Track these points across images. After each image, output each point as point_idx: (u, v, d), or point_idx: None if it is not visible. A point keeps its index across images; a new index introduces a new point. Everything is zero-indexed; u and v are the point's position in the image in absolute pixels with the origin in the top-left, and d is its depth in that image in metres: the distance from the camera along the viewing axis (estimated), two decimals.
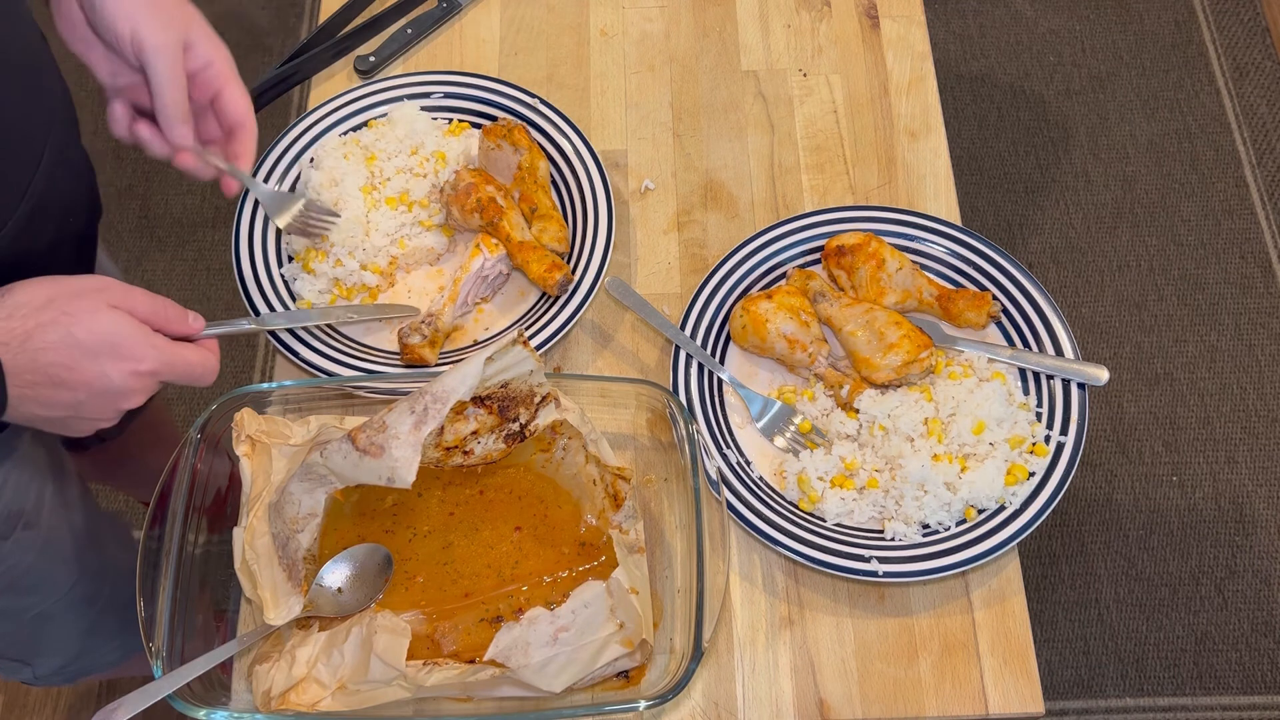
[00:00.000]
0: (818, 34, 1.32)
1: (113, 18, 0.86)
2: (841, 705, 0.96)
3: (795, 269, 1.13)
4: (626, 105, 1.27)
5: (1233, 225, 2.29)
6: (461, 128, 1.21)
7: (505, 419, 0.96)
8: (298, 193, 1.12)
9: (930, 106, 1.27)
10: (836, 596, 1.01)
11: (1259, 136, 2.39)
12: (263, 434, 0.97)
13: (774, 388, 1.10)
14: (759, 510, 0.99)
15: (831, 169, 1.23)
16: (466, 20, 1.33)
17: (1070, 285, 2.22)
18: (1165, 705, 1.87)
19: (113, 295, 0.82)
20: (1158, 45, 2.50)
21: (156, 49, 0.86)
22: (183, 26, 0.89)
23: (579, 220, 1.15)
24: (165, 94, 0.88)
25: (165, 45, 0.87)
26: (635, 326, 1.14)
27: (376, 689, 0.87)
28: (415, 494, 0.98)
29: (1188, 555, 1.98)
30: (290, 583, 0.93)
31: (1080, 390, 1.05)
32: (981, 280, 1.12)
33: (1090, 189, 2.33)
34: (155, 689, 0.83)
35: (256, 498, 0.95)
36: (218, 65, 0.92)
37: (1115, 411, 2.11)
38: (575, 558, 0.97)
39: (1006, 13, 2.54)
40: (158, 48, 0.86)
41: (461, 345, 1.11)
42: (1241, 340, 2.17)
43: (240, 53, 0.94)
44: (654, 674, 0.92)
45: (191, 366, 0.86)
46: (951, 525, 1.00)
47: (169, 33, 0.87)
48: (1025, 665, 0.98)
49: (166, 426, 1.61)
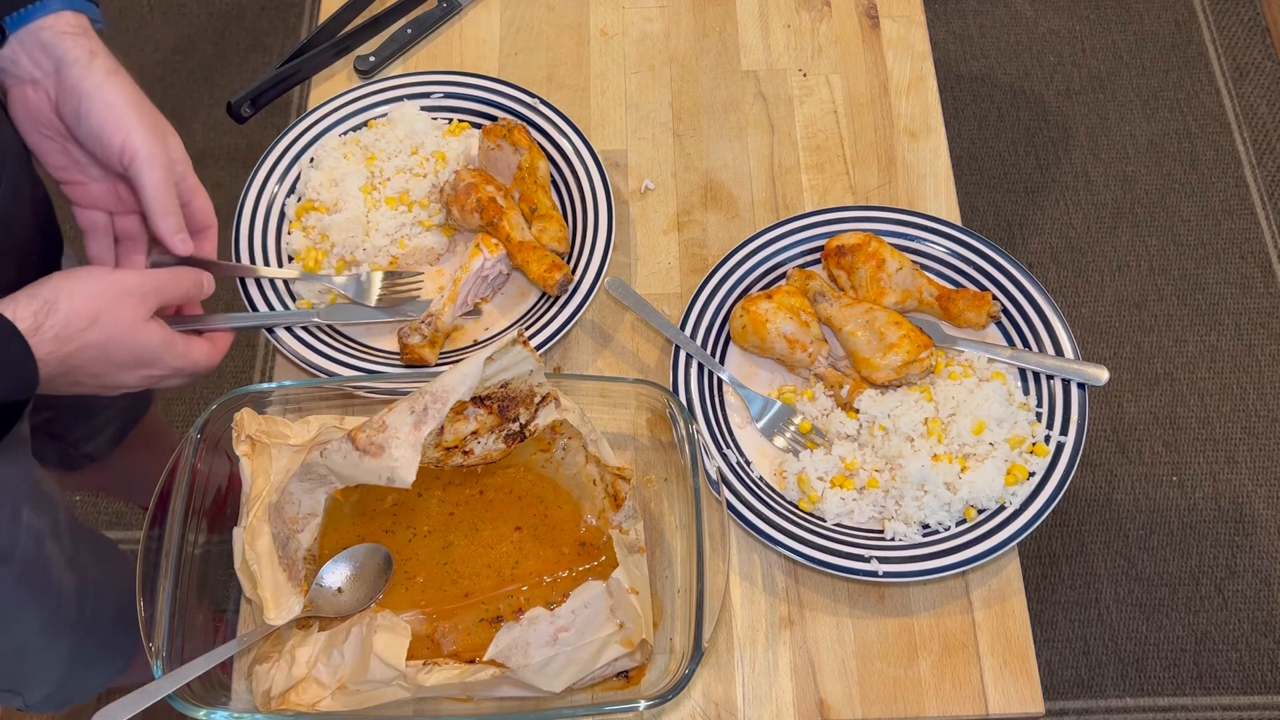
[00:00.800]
0: (818, 34, 1.32)
1: (101, 128, 0.89)
2: (841, 705, 0.96)
3: (795, 269, 1.13)
4: (626, 105, 1.27)
5: (1233, 225, 2.29)
6: (461, 128, 1.21)
7: (505, 419, 0.96)
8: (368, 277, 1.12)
9: (930, 106, 1.27)
10: (836, 596, 1.01)
11: (1259, 136, 2.39)
12: (263, 434, 0.97)
13: (774, 388, 1.10)
14: (759, 510, 0.99)
15: (831, 169, 1.23)
16: (466, 20, 1.33)
17: (1070, 285, 2.22)
18: (1165, 705, 1.87)
19: (148, 299, 0.87)
20: (1158, 45, 2.50)
21: (151, 160, 0.90)
22: (165, 137, 0.92)
23: (579, 220, 1.15)
24: (160, 203, 0.92)
25: (156, 156, 0.90)
26: (635, 326, 1.14)
27: (376, 689, 0.87)
28: (415, 494, 0.98)
29: (1188, 555, 1.98)
30: (290, 583, 0.93)
31: (1080, 390, 1.05)
32: (981, 280, 1.12)
33: (1090, 189, 2.33)
34: (155, 689, 0.83)
35: (256, 498, 0.95)
36: (190, 179, 0.96)
37: (1115, 411, 2.11)
38: (575, 558, 0.97)
39: (1006, 13, 2.54)
40: (152, 158, 0.90)
41: (461, 345, 1.11)
42: (1241, 340, 2.17)
43: (240, 53, 0.95)
44: (654, 674, 0.92)
45: (198, 365, 0.93)
46: (951, 525, 1.00)
47: (158, 144, 0.91)
48: (1025, 665, 0.98)
49: (163, 435, 1.60)
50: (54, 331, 0.81)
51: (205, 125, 2.36)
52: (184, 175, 0.95)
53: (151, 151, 0.90)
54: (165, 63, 2.44)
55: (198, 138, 2.34)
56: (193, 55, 2.44)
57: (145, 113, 0.91)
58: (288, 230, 1.15)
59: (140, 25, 2.49)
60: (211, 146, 2.33)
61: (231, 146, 2.33)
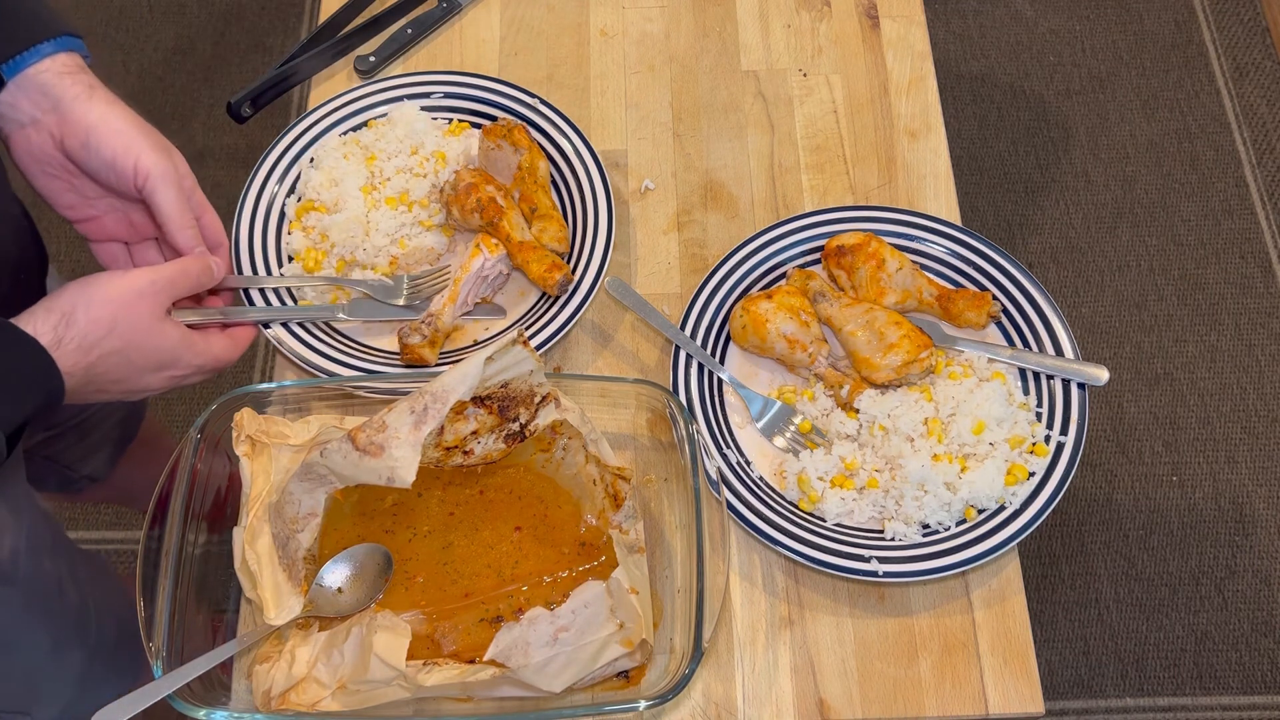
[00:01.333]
0: (818, 34, 1.32)
1: (114, 155, 0.91)
2: (841, 705, 0.96)
3: (795, 269, 1.13)
4: (626, 105, 1.27)
5: (1233, 225, 2.29)
6: (461, 128, 1.21)
7: (505, 419, 0.96)
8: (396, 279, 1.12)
9: (930, 106, 1.27)
10: (836, 596, 1.01)
11: (1259, 136, 2.39)
12: (263, 434, 0.97)
13: (774, 388, 1.10)
14: (759, 510, 0.99)
15: (831, 169, 1.23)
16: (466, 20, 1.33)
17: (1070, 285, 2.22)
18: (1165, 705, 1.87)
19: (161, 296, 0.89)
20: (1158, 45, 2.50)
21: (164, 177, 0.92)
22: (172, 155, 0.94)
23: (579, 220, 1.15)
24: (178, 218, 0.94)
25: (168, 174, 0.93)
26: (635, 326, 1.14)
27: (376, 689, 0.87)
28: (415, 494, 0.98)
29: (1188, 555, 1.98)
30: (290, 583, 0.93)
31: (1080, 390, 1.05)
32: (981, 280, 1.12)
33: (1090, 189, 2.33)
34: (155, 689, 0.83)
35: (256, 498, 0.95)
36: (198, 195, 0.98)
37: (1115, 411, 2.11)
38: (575, 558, 0.97)
39: (1006, 13, 2.54)
40: (164, 176, 0.92)
41: (461, 345, 1.11)
42: (1241, 340, 2.17)
43: (240, 53, 0.96)
44: (654, 674, 0.92)
45: (219, 361, 0.95)
46: (951, 525, 1.00)
47: (168, 162, 0.93)
48: (1025, 665, 0.98)
49: (162, 442, 1.60)
50: (75, 343, 0.83)
51: (205, 125, 2.36)
52: (192, 191, 0.97)
53: (164, 169, 0.92)
54: (165, 63, 2.44)
55: (198, 138, 2.34)
56: (193, 55, 2.44)
57: (150, 134, 0.93)
58: (288, 230, 1.15)
59: (140, 25, 2.49)
60: (211, 146, 2.33)
61: (231, 146, 2.33)
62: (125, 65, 2.42)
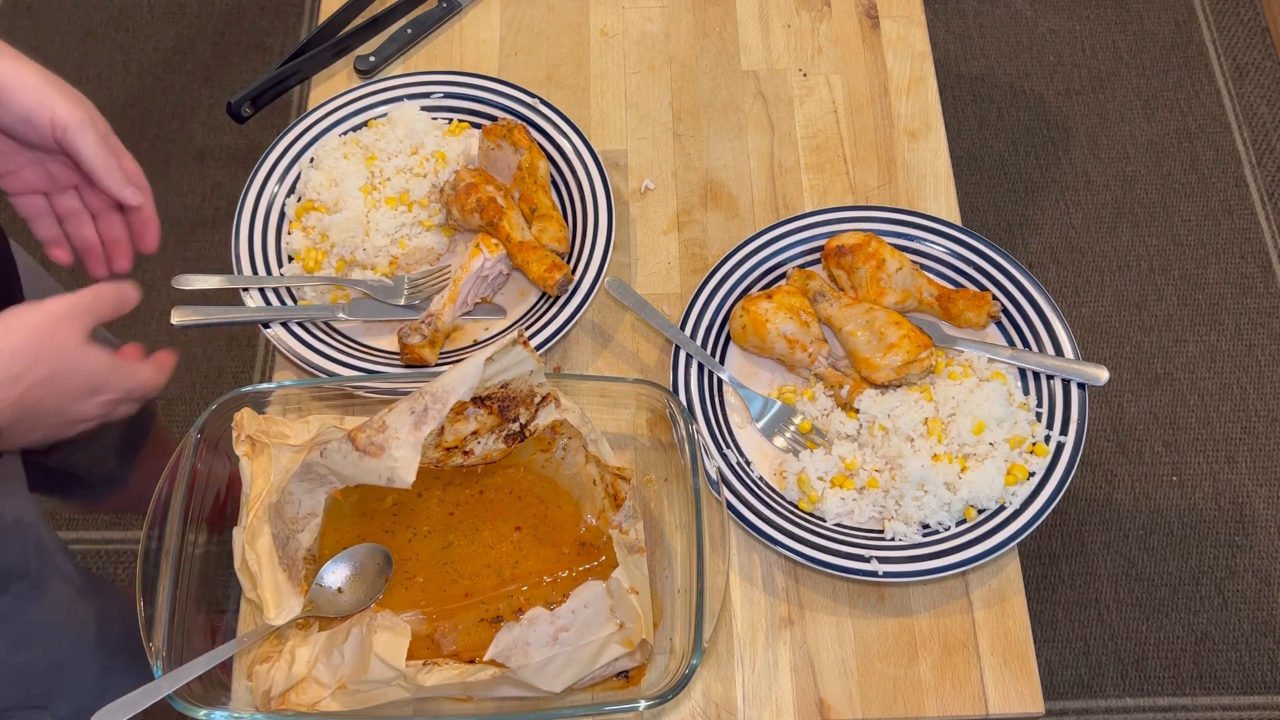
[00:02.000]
0: (818, 34, 1.32)
1: (28, 108, 0.90)
2: (841, 705, 0.96)
3: (795, 269, 1.13)
4: (626, 105, 1.27)
5: (1233, 225, 2.29)
6: (461, 128, 1.21)
7: (505, 419, 0.96)
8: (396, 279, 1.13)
9: (930, 106, 1.27)
10: (836, 596, 1.01)
11: (1259, 136, 2.39)
12: (263, 434, 0.97)
13: (774, 388, 1.10)
14: (759, 510, 0.99)
15: (831, 169, 1.23)
16: (466, 20, 1.33)
17: (1070, 285, 2.22)
18: (1165, 705, 1.87)
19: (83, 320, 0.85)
20: (1158, 45, 2.50)
21: (81, 125, 0.91)
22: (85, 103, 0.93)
23: (579, 220, 1.15)
24: (102, 162, 0.93)
25: (85, 121, 0.91)
26: (635, 326, 1.14)
27: (376, 689, 0.87)
28: (415, 494, 0.98)
29: (1188, 555, 1.98)
30: (290, 583, 0.93)
31: (1080, 390, 1.05)
32: (981, 280, 1.12)
33: (1090, 189, 2.33)
34: (155, 689, 0.83)
35: (256, 498, 0.95)
36: (113, 138, 0.96)
37: (1115, 411, 2.11)
38: (575, 558, 0.97)
39: (1006, 13, 2.54)
40: (81, 124, 0.91)
41: (461, 345, 1.11)
42: (1241, 340, 2.17)
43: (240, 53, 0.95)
44: (654, 674, 0.92)
45: (145, 385, 0.91)
46: (951, 525, 1.00)
47: (83, 110, 0.92)
48: (1025, 665, 0.98)
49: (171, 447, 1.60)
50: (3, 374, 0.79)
51: (205, 125, 2.36)
52: (107, 135, 0.96)
53: (80, 118, 0.91)
54: (165, 63, 2.43)
55: (198, 138, 2.34)
56: (193, 55, 2.44)
57: (62, 86, 0.93)
58: (288, 230, 1.15)
59: (140, 25, 2.49)
60: (211, 146, 2.33)
61: (231, 146, 2.33)
62: (125, 65, 2.42)
